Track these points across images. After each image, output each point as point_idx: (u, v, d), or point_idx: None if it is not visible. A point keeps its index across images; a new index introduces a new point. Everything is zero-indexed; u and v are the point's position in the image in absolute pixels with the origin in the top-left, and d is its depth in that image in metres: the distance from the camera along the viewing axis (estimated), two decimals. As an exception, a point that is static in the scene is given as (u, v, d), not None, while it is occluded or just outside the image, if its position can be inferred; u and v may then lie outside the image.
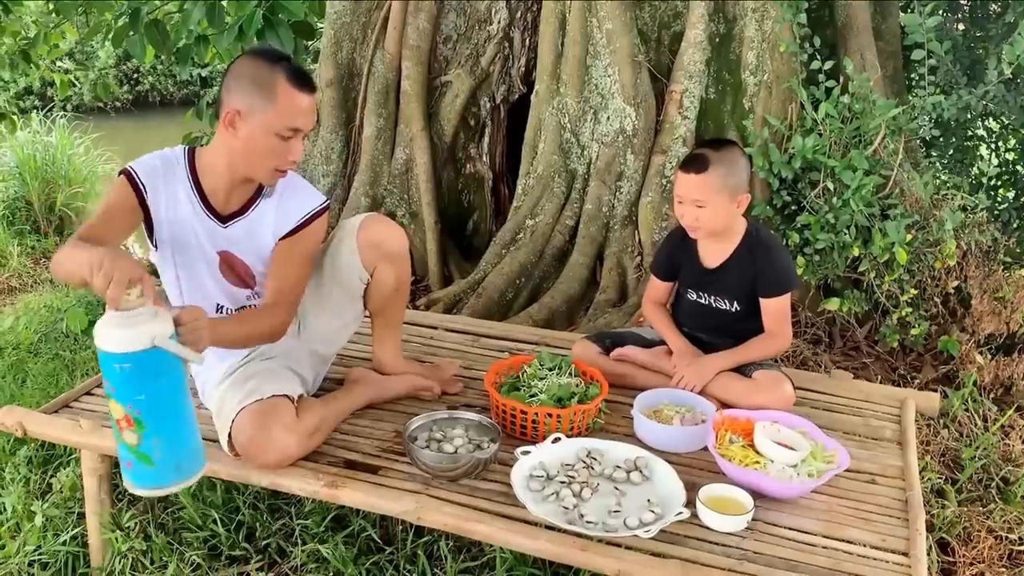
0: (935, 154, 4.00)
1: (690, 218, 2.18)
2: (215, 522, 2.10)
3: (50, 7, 4.65)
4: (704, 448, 1.95)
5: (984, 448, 2.52)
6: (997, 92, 3.20)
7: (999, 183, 4.02)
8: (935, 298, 3.07)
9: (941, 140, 3.93)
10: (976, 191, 3.71)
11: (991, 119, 4.00)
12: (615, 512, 1.71)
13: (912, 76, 3.96)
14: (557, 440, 1.92)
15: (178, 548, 2.07)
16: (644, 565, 1.58)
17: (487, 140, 4.06)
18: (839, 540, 1.69)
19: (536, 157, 3.63)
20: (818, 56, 3.16)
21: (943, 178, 3.53)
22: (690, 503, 1.71)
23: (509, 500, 1.76)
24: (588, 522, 1.66)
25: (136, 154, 1.97)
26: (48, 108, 7.08)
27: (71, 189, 5.40)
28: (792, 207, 3.21)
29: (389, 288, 2.10)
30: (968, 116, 3.46)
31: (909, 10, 3.55)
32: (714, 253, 2.28)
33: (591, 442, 1.94)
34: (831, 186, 3.05)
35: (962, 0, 4.09)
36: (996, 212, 3.74)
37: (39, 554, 2.11)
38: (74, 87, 9.20)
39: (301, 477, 1.83)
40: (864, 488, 1.89)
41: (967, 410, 2.72)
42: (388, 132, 3.91)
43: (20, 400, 2.77)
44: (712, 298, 2.30)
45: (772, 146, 3.18)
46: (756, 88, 3.38)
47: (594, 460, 1.87)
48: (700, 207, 2.15)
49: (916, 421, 2.26)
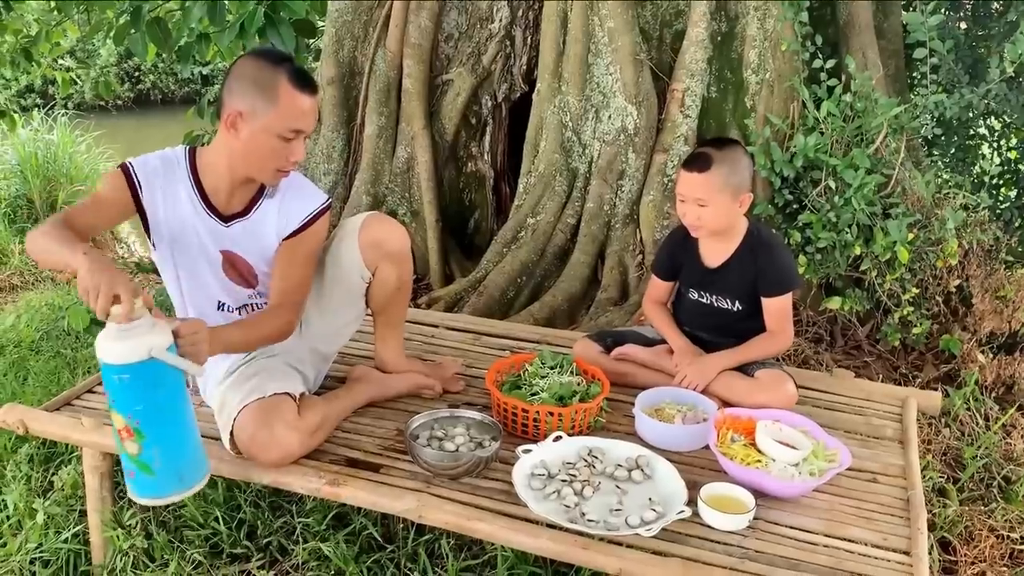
0: (937, 153, 4.00)
1: (692, 217, 2.18)
2: (216, 520, 2.10)
3: (51, 5, 4.65)
4: (706, 447, 1.95)
5: (986, 447, 2.52)
6: (999, 91, 3.19)
7: (1001, 182, 4.02)
8: (937, 297, 3.07)
9: (943, 139, 3.92)
10: (978, 190, 3.70)
11: (993, 118, 3.99)
12: (616, 511, 1.71)
13: (914, 75, 3.95)
14: (558, 438, 1.92)
15: (179, 546, 2.07)
16: (645, 564, 1.58)
17: (488, 138, 4.06)
18: (841, 539, 1.69)
19: (538, 155, 3.63)
20: (820, 55, 3.16)
21: (945, 177, 3.52)
22: (691, 502, 1.71)
23: (510, 498, 1.76)
24: (589, 520, 1.66)
25: (137, 152, 1.97)
26: (49, 106, 7.09)
27: (72, 187, 5.40)
28: (794, 206, 3.21)
29: (391, 287, 2.10)
30: (970, 115, 3.46)
31: (911, 8, 3.54)
32: (715, 252, 2.27)
33: (592, 440, 1.94)
34: (833, 185, 3.05)
35: (964, -2, 4.09)
36: (998, 211, 3.74)
37: (41, 552, 2.11)
38: (75, 85, 9.19)
39: (302, 475, 1.83)
40: (866, 487, 1.89)
41: (969, 409, 2.72)
42: (390, 130, 3.91)
43: (22, 398, 2.77)
44: (713, 297, 2.30)
45: (774, 145, 3.18)
46: (758, 87, 3.37)
47: (595, 459, 1.87)
48: (702, 206, 2.15)
49: (918, 420, 2.26)
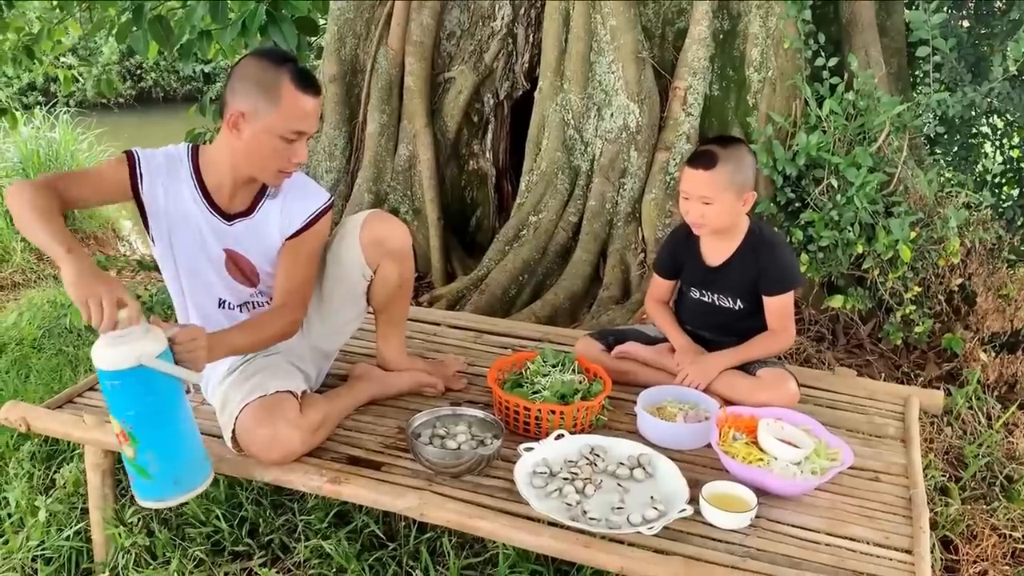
0: (939, 151, 4.00)
1: (695, 214, 2.17)
2: (218, 518, 2.10)
3: (53, 3, 4.65)
4: (707, 445, 1.95)
5: (988, 446, 2.51)
6: (1002, 89, 3.19)
7: (1003, 180, 4.02)
8: (939, 296, 3.07)
9: (945, 137, 3.92)
10: (980, 188, 3.70)
11: (995, 116, 3.99)
12: (618, 509, 1.71)
13: (916, 73, 3.94)
14: (560, 437, 1.92)
15: (181, 543, 2.07)
16: (647, 562, 1.58)
17: (490, 136, 4.06)
18: (842, 537, 1.69)
19: (539, 154, 3.63)
20: (822, 53, 3.15)
21: (947, 175, 3.53)
22: (693, 500, 1.71)
23: (512, 497, 1.76)
24: (591, 519, 1.66)
25: (139, 150, 1.97)
26: (51, 104, 7.10)
27: (74, 185, 5.39)
28: (796, 204, 3.21)
29: (392, 285, 2.10)
30: (973, 113, 3.46)
31: (914, 7, 3.53)
32: (717, 251, 2.27)
33: (594, 439, 1.94)
34: (835, 183, 3.05)
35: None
36: (1000, 210, 3.73)
37: (43, 549, 2.11)
38: (77, 83, 9.19)
39: (304, 473, 1.83)
40: (868, 486, 1.88)
41: (971, 408, 2.72)
42: (391, 128, 3.91)
43: (24, 395, 2.77)
44: (715, 296, 2.30)
45: (776, 143, 3.18)
46: (760, 85, 3.37)
47: (597, 457, 1.87)
48: (706, 204, 2.14)
49: (920, 419, 2.26)
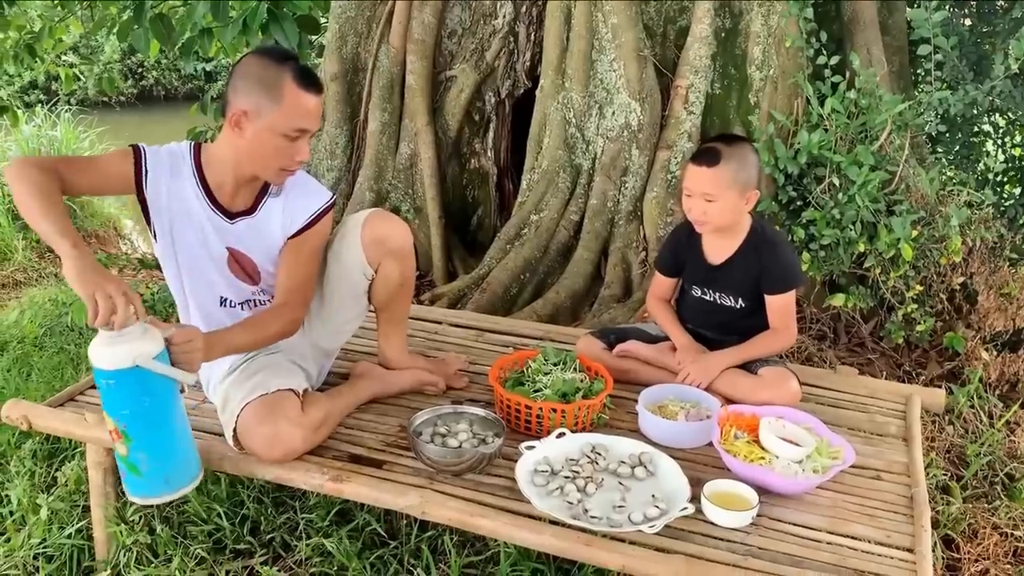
0: (941, 150, 3.99)
1: (698, 212, 2.17)
2: (220, 516, 2.10)
3: (55, 1, 4.65)
4: (709, 444, 1.95)
5: (989, 445, 2.51)
6: (1004, 88, 3.18)
7: (1005, 179, 4.01)
8: (941, 294, 3.07)
9: (947, 136, 3.92)
10: (982, 187, 3.69)
11: (997, 115, 3.98)
12: (619, 507, 1.71)
13: (918, 71, 3.94)
14: (561, 435, 1.92)
15: (183, 542, 2.07)
16: (648, 560, 1.58)
17: (492, 135, 4.06)
18: (844, 536, 1.69)
19: (541, 152, 3.63)
20: (824, 51, 3.15)
21: (949, 174, 3.52)
22: (695, 499, 1.71)
23: (513, 495, 1.76)
24: (592, 517, 1.66)
25: (140, 149, 1.97)
26: (53, 102, 7.10)
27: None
28: (797, 203, 3.20)
29: (394, 284, 2.10)
30: (974, 112, 3.45)
31: (916, 5, 3.53)
32: (719, 249, 2.27)
33: (595, 437, 1.94)
34: (837, 182, 3.04)
35: (969, -5, 4.07)
36: (1002, 208, 3.73)
37: (44, 547, 2.12)
38: (79, 81, 9.19)
39: (306, 471, 1.83)
40: (869, 484, 1.88)
41: (972, 406, 2.72)
42: (393, 127, 3.91)
43: (25, 394, 2.77)
44: (717, 294, 2.29)
45: (778, 141, 3.17)
46: (762, 83, 3.37)
47: (598, 455, 1.87)
48: (709, 201, 2.14)
49: (921, 417, 2.25)
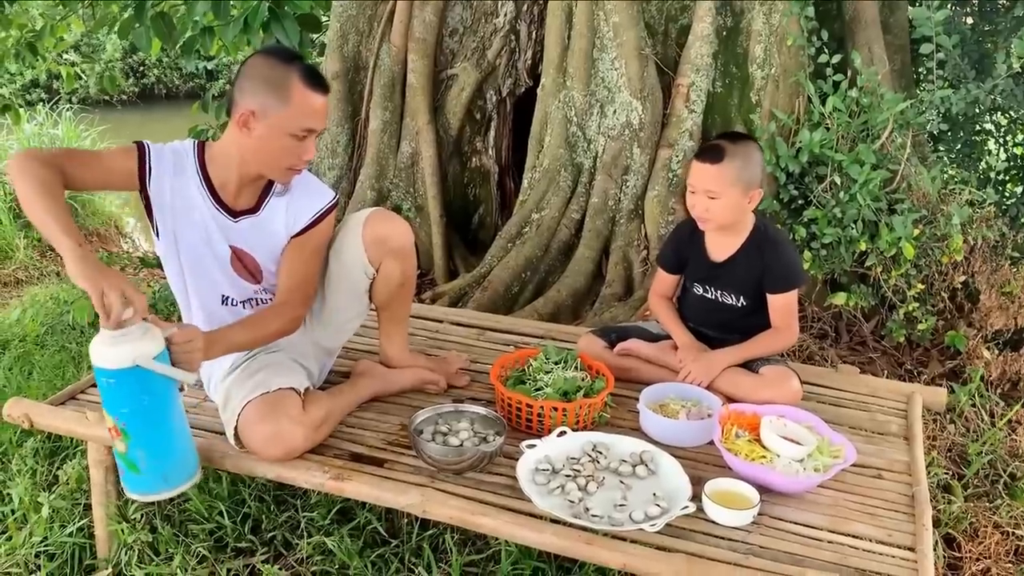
0: (943, 148, 3.98)
1: (701, 209, 2.17)
2: (221, 514, 2.10)
3: (56, 0, 4.65)
4: (710, 442, 1.95)
5: (991, 444, 2.51)
6: (1005, 86, 3.17)
7: (1007, 178, 4.00)
8: (942, 293, 3.06)
9: (949, 134, 3.91)
10: (984, 186, 3.68)
11: (999, 113, 3.97)
12: (621, 506, 1.71)
13: (920, 70, 3.94)
14: (563, 434, 1.92)
15: (184, 540, 2.07)
16: (649, 559, 1.58)
17: (493, 133, 4.06)
18: (845, 535, 1.69)
19: (542, 151, 3.62)
20: (826, 50, 3.14)
21: (951, 172, 3.51)
22: (696, 497, 1.71)
23: (514, 493, 1.76)
24: (593, 516, 1.66)
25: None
26: (54, 101, 7.10)
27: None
28: (799, 201, 3.20)
29: (395, 283, 2.10)
30: (976, 110, 3.44)
31: (917, 4, 3.52)
32: (722, 247, 2.27)
33: (597, 436, 1.94)
34: (838, 180, 3.04)
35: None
36: (1004, 207, 3.72)
37: (46, 545, 2.12)
38: (80, 80, 9.21)
39: (307, 470, 1.83)
40: (870, 483, 1.88)
41: (974, 405, 2.72)
42: (394, 125, 3.91)
43: (27, 392, 2.78)
44: (718, 293, 2.29)
45: (779, 140, 3.17)
46: (763, 82, 3.37)
47: (600, 454, 1.87)
48: (712, 198, 2.14)
49: (923, 416, 2.25)
